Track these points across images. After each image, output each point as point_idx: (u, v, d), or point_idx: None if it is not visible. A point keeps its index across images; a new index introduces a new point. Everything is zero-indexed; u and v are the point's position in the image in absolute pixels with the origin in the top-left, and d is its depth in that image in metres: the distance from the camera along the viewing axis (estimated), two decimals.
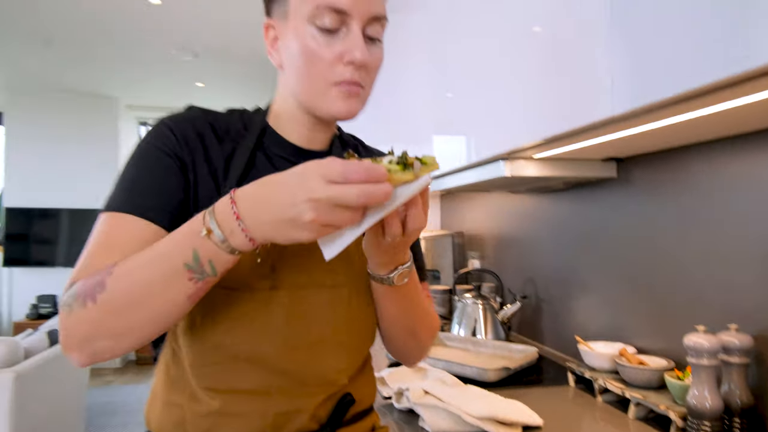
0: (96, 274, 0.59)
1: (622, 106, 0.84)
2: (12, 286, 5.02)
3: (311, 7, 0.66)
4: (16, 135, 5.00)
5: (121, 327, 0.59)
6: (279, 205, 0.52)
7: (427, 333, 0.85)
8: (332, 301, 0.73)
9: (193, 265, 0.56)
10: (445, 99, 1.70)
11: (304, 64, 0.68)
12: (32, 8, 3.02)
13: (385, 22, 0.71)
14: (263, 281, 0.69)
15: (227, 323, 0.68)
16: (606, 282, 1.49)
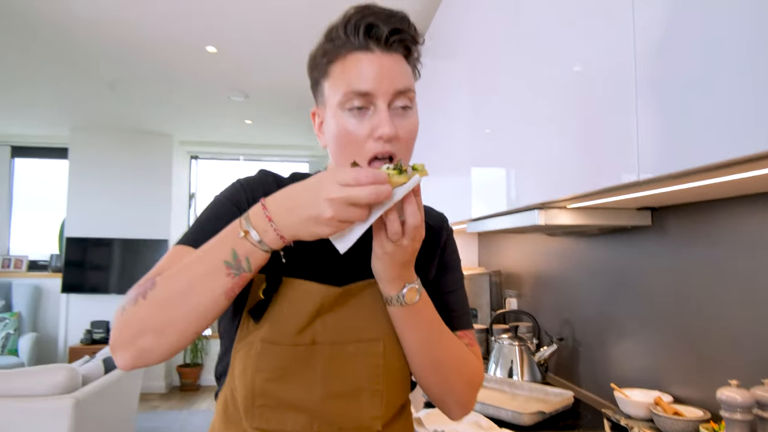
0: (149, 278, 0.69)
1: (647, 171, 0.89)
2: (68, 311, 5.29)
3: (341, 94, 0.75)
4: (79, 169, 5.34)
5: (166, 319, 0.66)
6: (303, 206, 0.63)
7: (460, 377, 0.85)
8: (368, 353, 0.80)
9: (232, 262, 0.66)
10: (484, 135, 1.78)
11: (341, 144, 0.77)
12: (99, 56, 3.30)
13: (412, 93, 0.79)
14: (305, 337, 0.77)
15: (273, 373, 0.76)
16: (643, 328, 1.50)
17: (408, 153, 0.80)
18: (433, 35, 2.50)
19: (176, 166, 5.61)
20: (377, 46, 0.76)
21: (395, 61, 0.77)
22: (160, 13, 2.71)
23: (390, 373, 0.82)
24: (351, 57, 0.76)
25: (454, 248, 0.96)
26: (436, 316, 0.83)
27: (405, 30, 0.77)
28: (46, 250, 5.66)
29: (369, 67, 0.75)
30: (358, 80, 0.74)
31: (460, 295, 0.95)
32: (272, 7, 2.64)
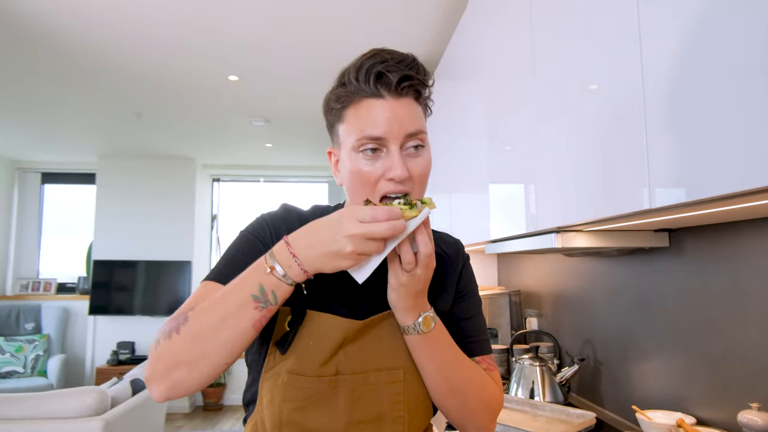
0: (182, 313, 0.74)
1: (659, 200, 0.92)
2: (95, 333, 5.41)
3: (354, 139, 0.79)
4: (105, 193, 5.50)
5: (199, 353, 0.70)
6: (324, 242, 0.69)
7: (479, 402, 0.87)
8: (389, 381, 0.84)
9: (259, 296, 0.71)
10: (501, 153, 1.81)
11: (356, 183, 0.81)
12: (127, 87, 3.43)
13: (423, 134, 0.82)
14: (329, 368, 0.81)
15: (299, 403, 0.80)
16: (664, 349, 1.51)
17: (421, 190, 0.83)
18: (450, 57, 2.55)
19: (199, 189, 5.74)
20: (388, 92, 0.79)
21: (406, 105, 0.80)
22: (184, 46, 2.82)
23: (411, 400, 0.86)
24: (363, 103, 0.80)
25: (470, 275, 1.00)
26: (452, 343, 0.86)
27: (414, 76, 0.80)
28: (74, 272, 5.81)
29: (380, 113, 0.78)
30: (371, 126, 0.78)
31: (478, 320, 0.97)
32: (291, 40, 2.73)
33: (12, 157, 5.57)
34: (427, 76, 0.84)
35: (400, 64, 0.80)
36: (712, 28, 0.78)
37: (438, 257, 0.94)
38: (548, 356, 2.04)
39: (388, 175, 0.79)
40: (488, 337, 0.98)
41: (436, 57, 2.95)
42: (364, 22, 2.58)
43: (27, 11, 2.44)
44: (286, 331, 0.83)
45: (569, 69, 1.27)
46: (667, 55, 0.89)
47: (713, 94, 0.78)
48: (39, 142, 4.98)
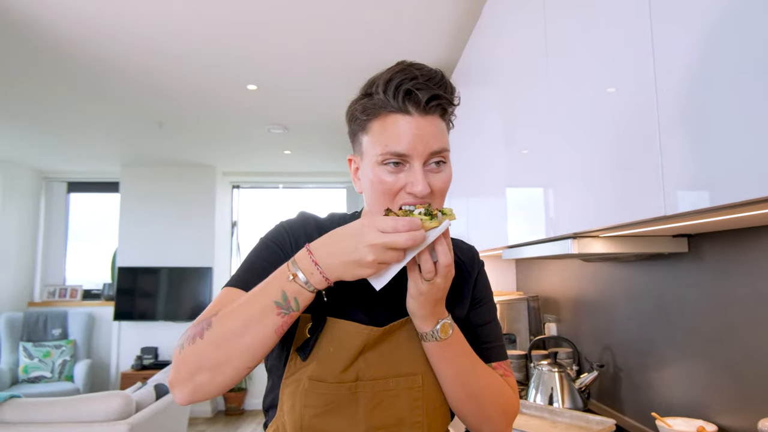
0: (206, 318, 0.76)
1: (673, 207, 0.92)
2: (120, 338, 5.52)
3: (379, 152, 0.80)
4: (129, 201, 5.62)
5: (221, 357, 0.72)
6: (346, 251, 0.70)
7: (495, 407, 0.89)
8: (407, 387, 0.85)
9: (282, 302, 0.73)
10: (518, 157, 1.82)
11: (377, 193, 0.82)
12: (149, 97, 3.52)
13: (446, 152, 0.83)
14: (349, 375, 0.83)
15: (319, 408, 0.82)
16: (684, 355, 1.49)
17: (440, 203, 0.85)
18: (465, 63, 2.57)
19: (219, 196, 5.83)
20: (415, 110, 0.79)
21: (431, 123, 0.81)
22: (204, 58, 2.88)
23: (429, 405, 0.87)
24: (390, 118, 0.80)
25: (485, 281, 1.01)
26: (469, 349, 0.88)
27: (442, 95, 0.81)
28: (99, 279, 5.94)
29: (407, 130, 0.79)
30: (396, 142, 0.79)
31: (494, 326, 0.98)
32: (307, 50, 2.77)
33: (39, 167, 5.73)
34: (455, 94, 0.84)
35: (429, 82, 0.80)
36: (729, 24, 0.79)
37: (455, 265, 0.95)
38: (567, 362, 2.03)
39: (408, 190, 0.80)
40: (504, 343, 0.99)
41: (451, 63, 2.96)
42: (380, 31, 2.61)
43: (52, 29, 2.52)
44: (306, 338, 0.85)
45: (583, 72, 1.27)
46: (681, 55, 0.89)
47: (727, 95, 0.78)
48: (64, 153, 5.12)
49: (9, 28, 2.52)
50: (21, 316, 5.21)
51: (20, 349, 5.02)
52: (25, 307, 5.58)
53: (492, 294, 1.02)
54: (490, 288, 1.02)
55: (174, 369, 0.75)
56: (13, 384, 4.86)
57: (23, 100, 3.57)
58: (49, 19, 2.45)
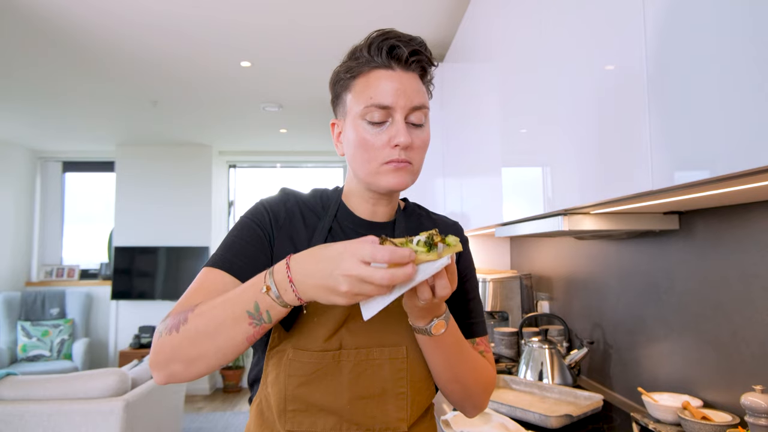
0: (184, 311, 0.76)
1: (661, 181, 0.91)
2: (118, 317, 5.55)
3: (362, 107, 0.84)
4: (125, 181, 5.60)
5: (194, 354, 0.74)
6: (321, 274, 0.65)
7: (478, 386, 0.91)
8: (392, 357, 0.85)
9: (254, 313, 0.71)
10: (515, 136, 1.80)
11: (360, 151, 0.85)
12: (142, 75, 3.47)
13: (426, 110, 0.87)
14: (333, 343, 0.83)
15: (303, 378, 0.83)
16: (672, 332, 1.50)
17: (421, 163, 0.87)
18: (461, 40, 2.53)
19: (215, 175, 5.80)
20: (398, 65, 0.84)
21: (413, 79, 0.85)
22: (196, 34, 2.84)
23: (414, 377, 0.87)
24: (374, 74, 0.84)
25: (469, 257, 1.01)
26: (460, 338, 0.87)
27: (423, 52, 0.85)
28: (97, 259, 5.95)
29: (390, 83, 0.83)
30: (380, 95, 0.82)
31: (477, 302, 1.00)
32: (301, 26, 2.73)
33: (34, 146, 5.69)
34: (433, 57, 0.88)
35: (410, 41, 0.85)
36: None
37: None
38: (558, 339, 2.05)
39: (393, 142, 0.83)
40: (484, 318, 1.00)
41: (447, 40, 2.92)
42: (375, 5, 2.57)
43: (45, 6, 2.47)
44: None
45: (577, 48, 1.25)
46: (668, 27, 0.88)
47: (711, 67, 0.77)
48: (59, 132, 5.07)
49: (2, 7, 2.48)
50: (19, 295, 5.23)
51: (18, 329, 5.05)
52: (22, 287, 5.60)
53: (475, 270, 1.02)
54: (473, 264, 1.03)
55: (152, 352, 0.76)
56: (12, 363, 4.90)
57: (17, 79, 3.52)
58: (41, 0, 2.41)
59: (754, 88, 0.69)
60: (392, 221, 0.96)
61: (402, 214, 0.98)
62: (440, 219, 1.04)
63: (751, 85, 0.69)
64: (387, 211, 0.95)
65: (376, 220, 0.94)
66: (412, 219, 1.00)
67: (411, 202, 1.04)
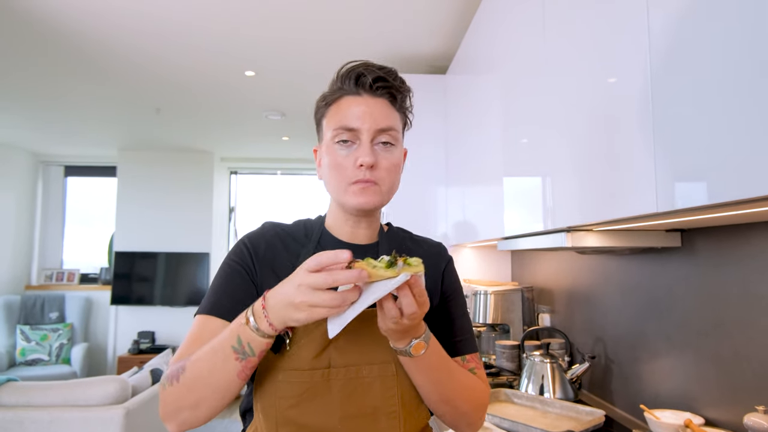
0: (182, 360, 0.80)
1: (665, 204, 0.92)
2: (117, 322, 5.54)
3: (332, 130, 0.89)
4: (126, 186, 5.61)
5: (195, 399, 0.77)
6: (285, 294, 0.70)
7: (468, 405, 0.90)
8: (381, 375, 0.85)
9: (237, 347, 0.74)
10: (517, 147, 1.82)
11: (332, 172, 0.90)
12: (146, 82, 3.49)
13: (394, 132, 0.90)
14: (321, 361, 0.84)
15: (293, 399, 0.83)
16: (674, 348, 1.51)
17: (390, 184, 0.90)
18: (465, 52, 2.55)
19: (217, 182, 5.82)
20: (365, 91, 0.90)
21: (380, 104, 0.90)
22: (202, 43, 2.86)
23: (405, 396, 0.87)
24: (344, 100, 0.91)
25: (454, 275, 1.03)
26: (444, 357, 0.87)
27: (389, 80, 0.90)
28: (97, 263, 5.95)
29: (356, 107, 0.89)
30: (347, 118, 0.88)
31: (465, 320, 1.01)
32: (305, 37, 2.75)
33: (36, 150, 5.70)
34: (404, 85, 0.93)
35: (379, 70, 0.90)
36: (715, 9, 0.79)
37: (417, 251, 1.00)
38: (559, 353, 2.05)
39: (358, 162, 0.87)
40: (474, 335, 1.01)
41: (450, 52, 2.95)
42: (379, 19, 2.59)
43: (49, 13, 2.50)
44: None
45: (580, 62, 1.27)
46: (675, 46, 0.89)
47: (721, 86, 0.78)
48: (62, 136, 5.09)
49: (6, 12, 2.50)
50: (18, 299, 5.23)
51: (17, 332, 5.04)
52: (22, 291, 5.59)
53: (461, 288, 1.04)
54: (460, 282, 1.04)
55: (161, 404, 0.80)
56: (10, 367, 4.89)
57: (20, 84, 3.54)
58: (46, 3, 2.43)
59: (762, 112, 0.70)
60: (375, 243, 0.98)
61: (385, 237, 1.00)
62: (424, 241, 1.06)
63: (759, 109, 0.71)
64: (368, 233, 0.97)
65: (358, 243, 0.96)
66: (395, 241, 1.01)
67: (394, 226, 1.06)
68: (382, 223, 1.02)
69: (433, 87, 2.99)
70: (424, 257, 0.97)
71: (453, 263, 1.04)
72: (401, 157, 0.93)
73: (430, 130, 2.96)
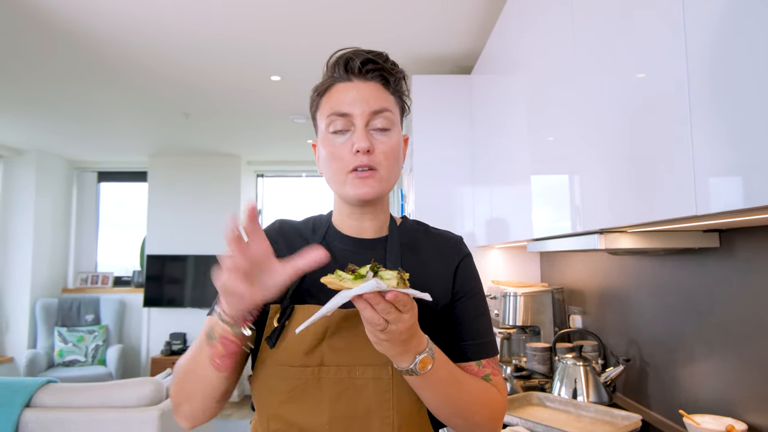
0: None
1: (705, 205, 0.89)
2: (150, 324, 5.67)
3: (326, 119, 0.87)
4: (156, 190, 5.74)
5: (187, 391, 0.81)
6: None
7: (482, 416, 0.84)
8: (376, 378, 0.81)
9: (208, 332, 0.78)
10: (544, 145, 1.79)
11: (330, 163, 0.86)
12: (176, 89, 3.56)
13: (388, 113, 0.86)
14: (313, 359, 0.82)
15: (284, 395, 0.82)
16: (714, 352, 1.47)
17: (389, 170, 0.86)
18: (490, 51, 2.53)
19: (244, 185, 5.90)
20: (355, 76, 0.87)
21: (372, 87, 0.87)
22: (229, 50, 2.90)
23: (402, 402, 0.82)
24: (334, 88, 0.88)
25: (470, 273, 0.95)
26: (453, 370, 0.81)
27: (379, 62, 0.88)
28: (130, 266, 6.09)
29: (346, 92, 0.86)
30: (338, 104, 0.85)
31: (483, 321, 0.93)
32: (330, 42, 2.77)
33: (71, 157, 5.87)
34: (396, 67, 0.90)
35: (367, 54, 0.88)
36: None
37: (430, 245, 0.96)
38: (592, 355, 2.02)
39: (354, 148, 0.83)
40: (494, 338, 0.94)
41: (475, 52, 2.93)
42: (403, 20, 2.59)
43: (86, 28, 2.56)
44: (275, 327, 0.85)
45: (611, 57, 1.25)
46: (714, 32, 0.87)
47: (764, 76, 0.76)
48: (95, 144, 5.23)
49: (42, 25, 2.57)
50: (56, 302, 5.39)
51: (55, 334, 5.20)
52: (59, 294, 5.76)
53: (480, 286, 0.96)
54: (478, 280, 0.96)
55: (171, 402, 0.85)
56: (49, 367, 5.05)
57: (56, 95, 3.65)
58: (81, 17, 2.49)
59: None
60: (384, 237, 0.93)
61: (396, 231, 0.95)
62: (439, 234, 0.99)
63: None
64: (374, 226, 0.92)
65: (365, 237, 0.92)
66: (407, 235, 0.96)
67: (410, 219, 1.01)
68: (396, 216, 0.98)
69: (458, 87, 2.97)
70: (435, 252, 0.94)
71: (470, 259, 0.96)
72: (400, 142, 0.89)
73: (455, 130, 2.95)
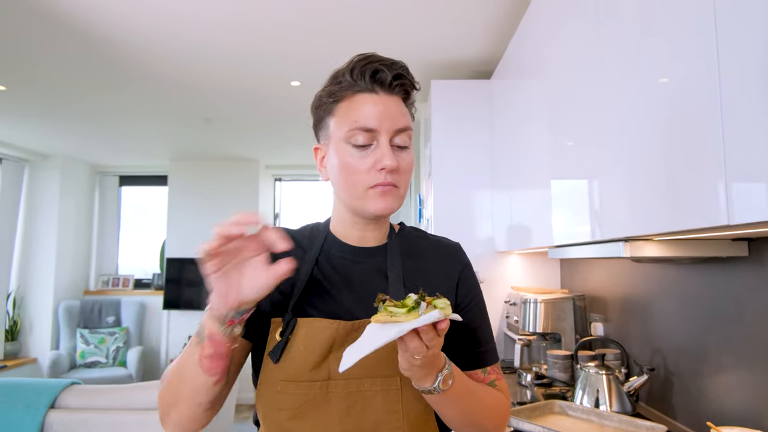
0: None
1: (739, 216, 0.87)
2: (169, 326, 5.73)
3: (346, 130, 0.83)
4: (177, 194, 5.81)
5: (175, 395, 0.79)
6: None
7: (493, 423, 0.86)
8: (384, 389, 0.81)
9: (199, 330, 0.77)
10: (564, 150, 1.78)
11: (345, 175, 0.84)
12: (196, 95, 3.61)
13: (410, 132, 0.86)
14: (320, 373, 0.81)
15: (292, 411, 0.80)
16: (742, 362, 1.44)
17: (406, 186, 0.86)
18: (511, 56, 2.52)
19: (262, 189, 5.94)
20: (381, 88, 0.84)
21: (397, 102, 0.86)
22: (250, 56, 2.94)
23: (411, 413, 0.82)
24: (357, 97, 0.84)
25: (471, 283, 0.96)
26: (467, 383, 0.82)
27: (406, 76, 0.86)
28: (150, 269, 6.17)
29: (374, 106, 0.83)
30: (364, 118, 0.82)
31: (485, 329, 0.94)
32: (350, 49, 2.78)
33: (93, 162, 5.98)
34: (416, 81, 0.89)
35: (393, 65, 0.85)
36: None
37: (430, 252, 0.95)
38: (615, 364, 1.99)
39: (379, 165, 0.81)
40: (495, 345, 0.95)
41: (495, 57, 2.92)
42: (421, 29, 2.59)
43: (108, 35, 2.61)
44: (277, 341, 0.83)
45: (638, 61, 1.23)
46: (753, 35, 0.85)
47: None
48: (117, 148, 5.31)
49: (65, 32, 2.63)
50: (78, 304, 5.48)
51: (77, 336, 5.28)
52: (81, 296, 5.85)
53: (481, 294, 0.97)
54: (479, 289, 0.98)
55: (159, 407, 0.82)
56: (71, 368, 5.13)
57: (80, 101, 3.72)
58: (103, 26, 2.54)
59: None
60: (384, 245, 0.93)
61: (395, 238, 0.95)
62: (438, 241, 0.99)
63: None
64: (377, 235, 0.93)
65: (366, 245, 0.92)
66: (407, 242, 0.96)
67: (408, 226, 1.01)
68: (393, 223, 0.98)
69: (478, 92, 2.96)
70: (435, 259, 0.94)
71: (471, 268, 0.97)
72: (413, 158, 0.89)
73: (474, 135, 2.93)
